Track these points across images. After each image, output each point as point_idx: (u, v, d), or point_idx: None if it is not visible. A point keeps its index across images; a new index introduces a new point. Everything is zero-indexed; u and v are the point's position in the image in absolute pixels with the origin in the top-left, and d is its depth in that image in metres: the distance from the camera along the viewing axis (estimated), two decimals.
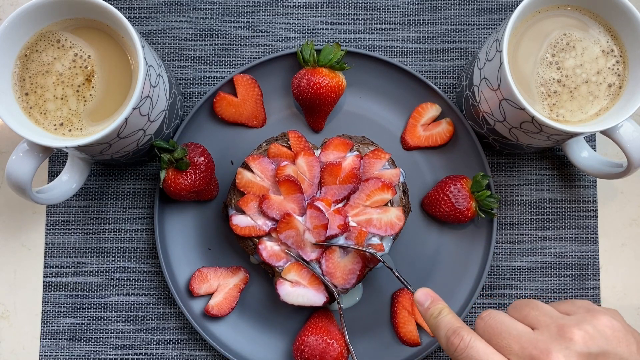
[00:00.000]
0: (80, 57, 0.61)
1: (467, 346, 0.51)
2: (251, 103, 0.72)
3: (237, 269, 0.71)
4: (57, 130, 0.60)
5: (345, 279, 0.66)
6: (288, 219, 0.65)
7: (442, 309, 0.55)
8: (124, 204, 0.74)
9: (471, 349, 0.51)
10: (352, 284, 0.67)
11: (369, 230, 0.66)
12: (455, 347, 0.51)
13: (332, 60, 0.69)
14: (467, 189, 0.69)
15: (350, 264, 0.66)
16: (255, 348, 0.70)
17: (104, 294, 0.73)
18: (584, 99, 0.62)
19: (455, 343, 0.52)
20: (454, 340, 0.52)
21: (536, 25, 0.63)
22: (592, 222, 0.75)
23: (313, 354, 0.66)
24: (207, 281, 0.70)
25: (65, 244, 0.73)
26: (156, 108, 0.62)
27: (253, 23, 0.76)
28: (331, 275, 0.66)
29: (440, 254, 0.72)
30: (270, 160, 0.68)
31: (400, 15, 0.77)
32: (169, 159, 0.65)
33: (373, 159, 0.67)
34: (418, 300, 0.57)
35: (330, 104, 0.70)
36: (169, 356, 0.72)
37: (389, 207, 0.67)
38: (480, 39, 0.76)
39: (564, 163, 0.75)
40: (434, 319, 0.55)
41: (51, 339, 0.72)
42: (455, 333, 0.52)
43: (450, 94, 0.76)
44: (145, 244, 0.74)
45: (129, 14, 0.76)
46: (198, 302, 0.71)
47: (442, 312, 0.55)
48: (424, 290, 0.57)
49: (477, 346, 0.51)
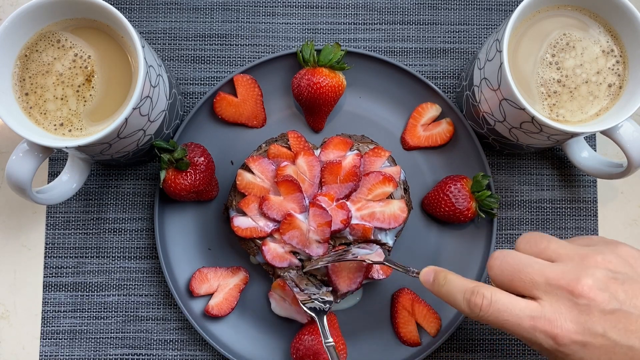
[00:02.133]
0: (80, 57, 0.61)
1: (490, 302, 0.49)
2: (251, 103, 0.72)
3: (237, 269, 0.71)
4: (57, 130, 0.60)
5: (350, 279, 0.66)
6: (290, 219, 0.65)
7: (447, 275, 0.54)
8: (124, 204, 0.74)
9: (496, 303, 0.49)
10: (355, 286, 0.67)
11: (372, 225, 0.66)
12: (479, 306, 0.50)
13: (332, 60, 0.69)
14: (467, 189, 0.69)
15: (356, 264, 0.66)
16: (255, 348, 0.70)
17: (104, 294, 0.73)
18: (584, 99, 0.62)
19: (478, 303, 0.50)
20: (476, 300, 0.50)
21: (536, 25, 0.63)
22: (592, 222, 0.75)
23: (307, 354, 0.66)
24: (207, 281, 0.70)
25: (65, 244, 0.73)
26: (156, 108, 0.62)
27: (253, 23, 0.76)
28: (337, 275, 0.66)
29: (441, 254, 0.72)
30: (270, 161, 0.68)
31: (400, 15, 0.77)
32: (169, 159, 0.65)
33: (373, 157, 0.67)
34: (423, 280, 0.56)
35: (330, 104, 0.70)
36: (169, 356, 0.72)
37: (391, 199, 0.67)
38: (480, 39, 0.76)
39: (564, 163, 0.75)
40: (443, 287, 0.54)
41: (51, 339, 0.72)
42: (474, 293, 0.50)
43: (450, 94, 0.76)
44: (145, 244, 0.74)
45: (129, 14, 0.76)
46: (198, 302, 0.71)
47: (447, 277, 0.54)
48: (425, 269, 0.57)
49: (502, 299, 0.49)
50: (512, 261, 0.51)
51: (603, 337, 0.48)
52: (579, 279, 0.48)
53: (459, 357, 0.73)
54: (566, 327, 0.48)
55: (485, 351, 0.73)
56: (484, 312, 0.50)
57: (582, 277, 0.48)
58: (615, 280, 0.49)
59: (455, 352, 0.73)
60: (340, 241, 0.67)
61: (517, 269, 0.50)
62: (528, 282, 0.50)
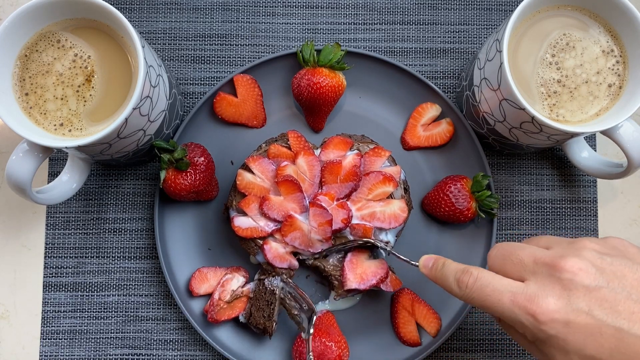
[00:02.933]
0: (80, 57, 0.61)
1: (476, 279, 0.51)
2: (251, 103, 0.72)
3: (237, 269, 0.71)
4: (57, 130, 0.60)
5: (362, 278, 0.66)
6: (291, 220, 0.65)
7: (445, 260, 0.56)
8: (124, 204, 0.74)
9: (481, 279, 0.50)
10: (364, 287, 0.66)
11: (373, 225, 0.66)
12: (465, 283, 0.51)
13: (332, 60, 0.69)
14: (467, 189, 0.69)
15: (374, 267, 0.66)
16: (255, 348, 0.70)
17: (104, 294, 0.73)
18: (584, 99, 0.62)
19: (464, 280, 0.51)
20: (463, 278, 0.52)
21: (536, 25, 0.63)
22: (592, 222, 0.75)
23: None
24: (207, 281, 0.70)
25: (65, 244, 0.73)
26: (156, 108, 0.62)
27: (253, 23, 0.76)
28: (351, 270, 0.66)
29: (441, 254, 0.71)
30: (271, 160, 0.68)
31: (400, 15, 0.77)
32: (169, 159, 0.65)
33: (373, 156, 0.68)
34: (423, 264, 0.58)
35: (330, 104, 0.70)
36: (169, 356, 0.72)
37: (392, 199, 0.67)
38: (480, 39, 0.76)
39: (564, 163, 0.75)
40: (440, 270, 0.55)
41: (51, 339, 0.72)
42: (463, 272, 0.52)
43: (450, 94, 0.76)
44: (145, 244, 0.74)
45: (129, 14, 0.76)
46: (198, 302, 0.70)
47: (445, 262, 0.55)
48: (425, 256, 0.58)
49: (487, 276, 0.50)
50: (507, 247, 0.52)
51: (587, 315, 0.46)
52: (565, 257, 0.48)
53: (459, 357, 0.73)
54: (547, 303, 0.47)
55: (485, 351, 0.73)
56: (469, 289, 0.51)
57: (568, 255, 0.49)
58: (603, 260, 0.49)
59: (455, 352, 0.73)
60: (340, 241, 0.67)
61: (509, 252, 0.52)
62: (517, 263, 0.50)
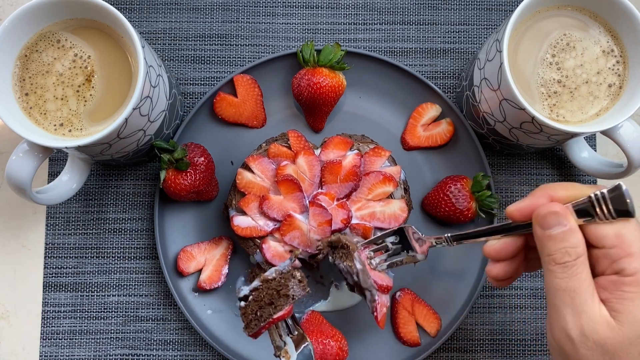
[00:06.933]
0: (80, 57, 0.61)
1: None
2: (251, 103, 0.72)
3: (219, 240, 0.71)
4: (57, 130, 0.60)
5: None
6: (290, 220, 0.65)
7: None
8: (124, 204, 0.74)
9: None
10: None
11: (373, 225, 0.66)
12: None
13: (332, 60, 0.69)
14: (468, 189, 0.69)
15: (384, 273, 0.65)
16: (255, 348, 0.70)
17: (104, 294, 0.73)
18: (584, 99, 0.62)
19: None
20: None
21: (536, 25, 0.63)
22: None
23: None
24: (194, 258, 0.70)
25: (65, 244, 0.73)
26: (156, 108, 0.62)
27: (253, 23, 0.76)
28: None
29: (441, 254, 0.72)
30: (271, 160, 0.68)
31: (400, 15, 0.77)
32: (169, 159, 0.65)
33: (373, 156, 0.67)
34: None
35: (330, 104, 0.70)
36: (169, 356, 0.72)
37: (392, 199, 0.67)
38: (480, 39, 0.76)
39: (564, 163, 0.75)
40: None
41: (51, 339, 0.72)
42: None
43: (450, 94, 0.76)
44: (145, 244, 0.74)
45: (129, 14, 0.76)
46: (198, 302, 0.70)
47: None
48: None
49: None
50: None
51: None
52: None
53: (459, 357, 0.73)
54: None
55: (485, 351, 0.73)
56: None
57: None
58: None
59: (455, 352, 0.73)
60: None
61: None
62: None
